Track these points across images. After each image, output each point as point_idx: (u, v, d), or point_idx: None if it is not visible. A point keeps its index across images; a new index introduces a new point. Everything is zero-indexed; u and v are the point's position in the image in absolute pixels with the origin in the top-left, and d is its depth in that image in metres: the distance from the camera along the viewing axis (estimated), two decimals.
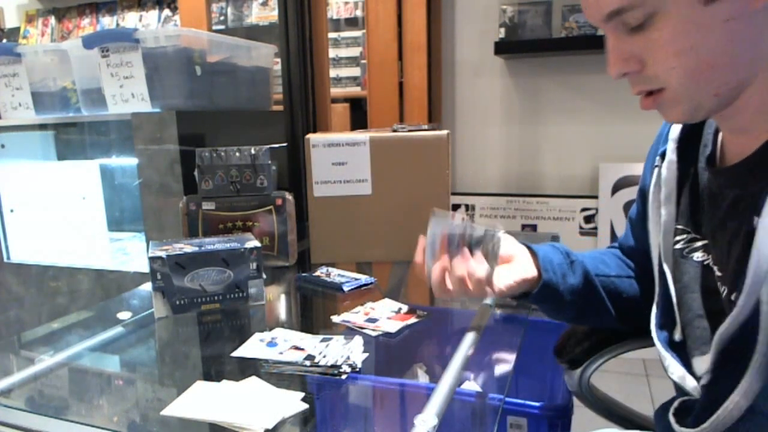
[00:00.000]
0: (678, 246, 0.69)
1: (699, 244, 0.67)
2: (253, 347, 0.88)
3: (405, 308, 1.02)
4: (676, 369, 0.67)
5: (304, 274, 1.26)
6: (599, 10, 0.56)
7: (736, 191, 0.60)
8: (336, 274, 1.24)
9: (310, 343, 0.87)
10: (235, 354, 0.87)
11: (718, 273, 0.63)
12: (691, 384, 0.64)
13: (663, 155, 0.71)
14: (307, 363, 0.80)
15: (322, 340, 0.87)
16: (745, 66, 0.55)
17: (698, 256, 0.67)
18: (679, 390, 0.68)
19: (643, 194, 0.80)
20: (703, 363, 0.63)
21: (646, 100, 0.59)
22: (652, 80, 0.57)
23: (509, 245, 0.81)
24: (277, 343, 0.89)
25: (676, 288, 0.69)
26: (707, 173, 0.66)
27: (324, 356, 0.81)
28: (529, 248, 0.82)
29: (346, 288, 1.16)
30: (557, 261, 0.80)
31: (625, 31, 0.57)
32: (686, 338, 0.67)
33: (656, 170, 0.72)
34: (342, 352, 0.82)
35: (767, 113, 0.57)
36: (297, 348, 0.85)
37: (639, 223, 0.83)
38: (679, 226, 0.69)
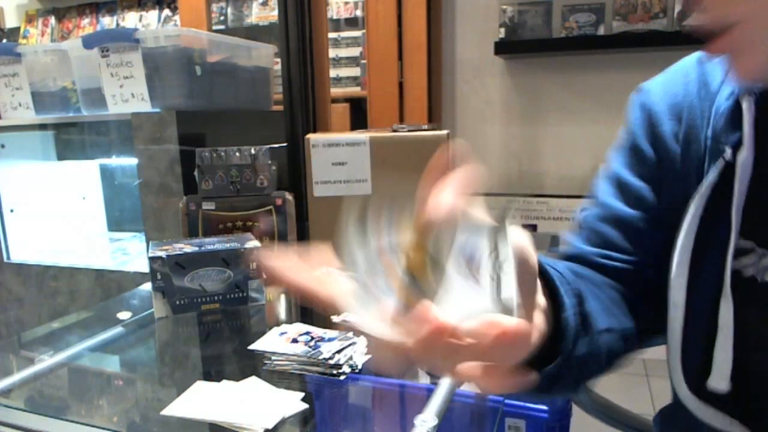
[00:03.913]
0: (749, 271, 0.52)
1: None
2: (268, 340, 0.89)
3: None
4: (718, 420, 0.53)
5: None
6: None
7: None
8: None
9: (319, 333, 0.87)
10: (252, 347, 0.88)
11: None
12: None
13: (735, 145, 0.51)
14: (311, 351, 0.80)
15: (329, 339, 0.87)
16: None
17: None
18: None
19: (658, 184, 0.59)
20: None
21: (716, 42, 0.45)
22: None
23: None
24: (287, 331, 0.91)
25: (739, 325, 0.51)
26: None
27: (329, 351, 0.81)
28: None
29: None
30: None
31: None
32: (742, 387, 0.52)
33: (720, 163, 0.51)
34: (346, 351, 0.82)
35: None
36: (305, 338, 0.85)
37: (649, 221, 0.59)
38: (747, 244, 0.52)
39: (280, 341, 0.88)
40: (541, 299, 0.42)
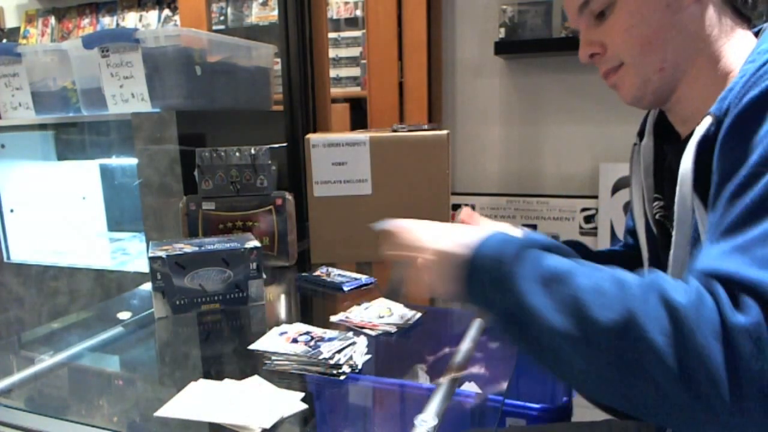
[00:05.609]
0: (656, 212, 0.80)
1: (668, 213, 0.76)
2: (268, 340, 0.89)
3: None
4: None
5: (304, 274, 1.26)
6: (573, 3, 0.70)
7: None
8: (336, 274, 1.24)
9: (319, 333, 0.87)
10: (252, 347, 0.88)
11: None
12: None
13: (641, 134, 0.83)
14: (311, 351, 0.80)
15: (329, 339, 0.87)
16: (681, 49, 0.66)
17: (669, 224, 0.75)
18: None
19: None
20: None
21: (609, 77, 0.73)
22: (613, 59, 0.70)
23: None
24: (287, 331, 0.91)
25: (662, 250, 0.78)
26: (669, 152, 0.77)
27: (329, 351, 0.81)
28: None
29: (346, 288, 1.16)
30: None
31: (592, 21, 0.70)
32: None
33: (635, 147, 0.83)
34: (346, 351, 0.82)
35: (705, 105, 0.64)
36: (305, 338, 0.85)
37: None
38: (656, 195, 0.80)
39: (280, 341, 0.88)
40: None
